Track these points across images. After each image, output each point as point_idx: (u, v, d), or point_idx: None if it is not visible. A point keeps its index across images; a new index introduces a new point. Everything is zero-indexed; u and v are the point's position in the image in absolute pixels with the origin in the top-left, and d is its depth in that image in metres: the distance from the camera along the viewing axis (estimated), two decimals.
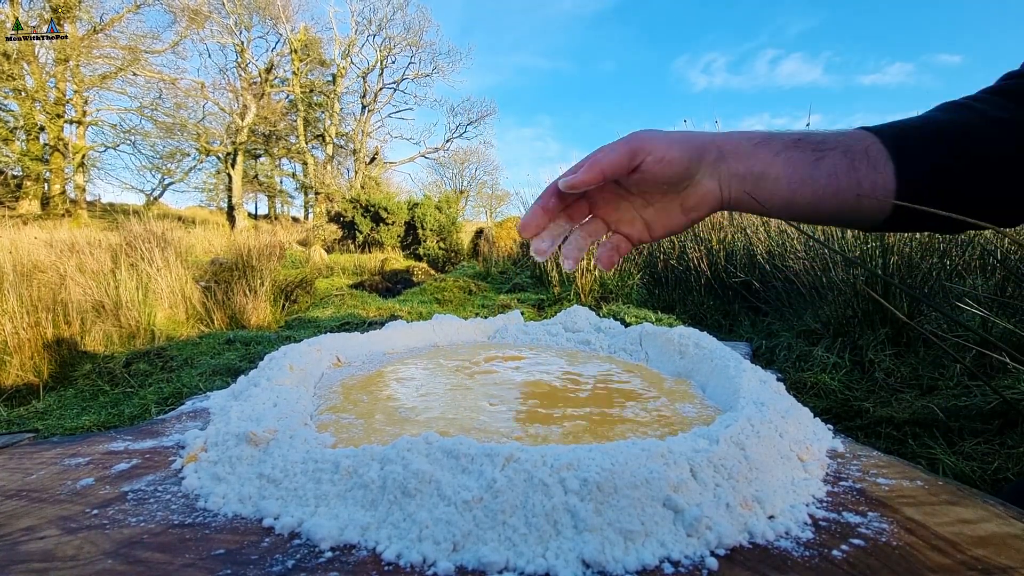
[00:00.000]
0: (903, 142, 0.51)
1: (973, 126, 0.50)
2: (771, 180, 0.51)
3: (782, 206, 0.53)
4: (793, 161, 0.51)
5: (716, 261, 3.36)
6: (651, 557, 0.27)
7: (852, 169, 0.51)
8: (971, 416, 1.46)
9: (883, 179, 0.51)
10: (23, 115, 13.03)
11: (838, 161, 0.51)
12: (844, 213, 0.53)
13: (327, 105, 19.94)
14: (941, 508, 0.32)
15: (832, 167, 0.51)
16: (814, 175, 0.51)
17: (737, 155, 0.52)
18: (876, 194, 0.51)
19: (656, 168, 0.50)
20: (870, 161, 0.51)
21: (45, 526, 0.31)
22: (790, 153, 0.51)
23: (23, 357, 2.53)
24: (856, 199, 0.51)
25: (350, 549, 0.29)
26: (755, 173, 0.51)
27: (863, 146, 0.51)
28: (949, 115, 0.52)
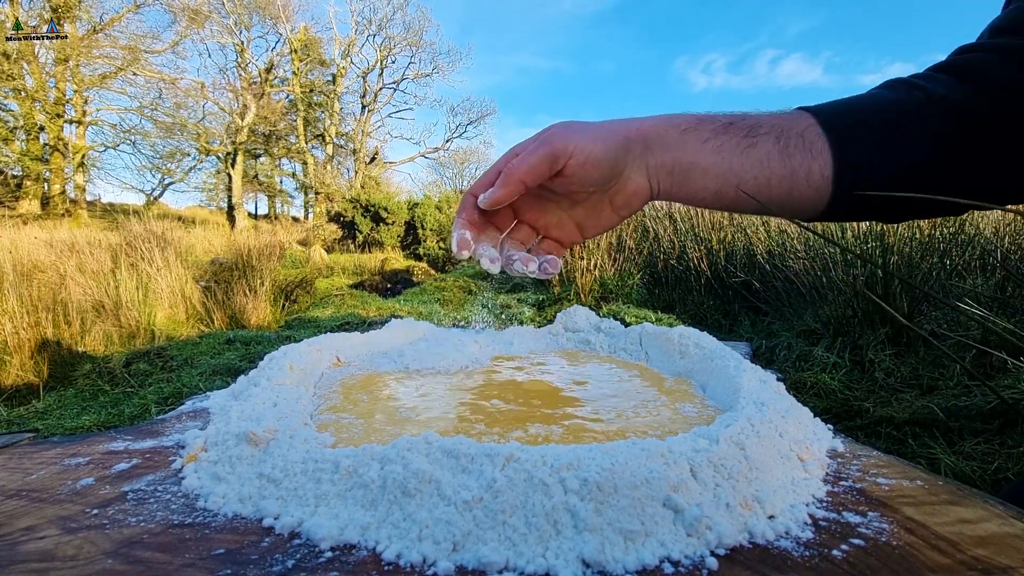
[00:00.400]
0: (841, 124, 0.47)
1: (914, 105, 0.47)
2: (699, 171, 0.48)
3: (712, 198, 0.49)
4: (722, 149, 0.48)
5: (716, 261, 3.36)
6: (651, 557, 0.27)
7: (785, 155, 0.47)
8: (971, 416, 1.46)
9: (819, 165, 0.47)
10: (23, 115, 13.03)
11: (771, 147, 0.47)
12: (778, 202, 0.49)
13: (327, 105, 19.94)
14: (941, 508, 0.32)
15: (764, 154, 0.47)
16: (744, 164, 0.47)
17: (663, 145, 0.48)
18: (812, 181, 0.47)
19: (580, 171, 0.47)
20: (805, 145, 0.47)
21: (45, 526, 0.31)
22: (719, 140, 0.48)
23: (23, 357, 2.53)
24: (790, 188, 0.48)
25: (350, 549, 0.29)
26: (683, 164, 0.48)
27: (799, 129, 0.48)
28: (892, 93, 0.49)
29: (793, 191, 0.48)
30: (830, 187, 0.47)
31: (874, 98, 0.49)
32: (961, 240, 2.24)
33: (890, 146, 0.46)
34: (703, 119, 0.49)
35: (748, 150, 0.47)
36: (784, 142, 0.47)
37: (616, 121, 0.50)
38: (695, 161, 0.48)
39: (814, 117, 0.48)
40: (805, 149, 0.47)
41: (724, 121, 0.49)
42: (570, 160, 0.47)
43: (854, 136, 0.47)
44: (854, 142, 0.47)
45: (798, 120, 0.48)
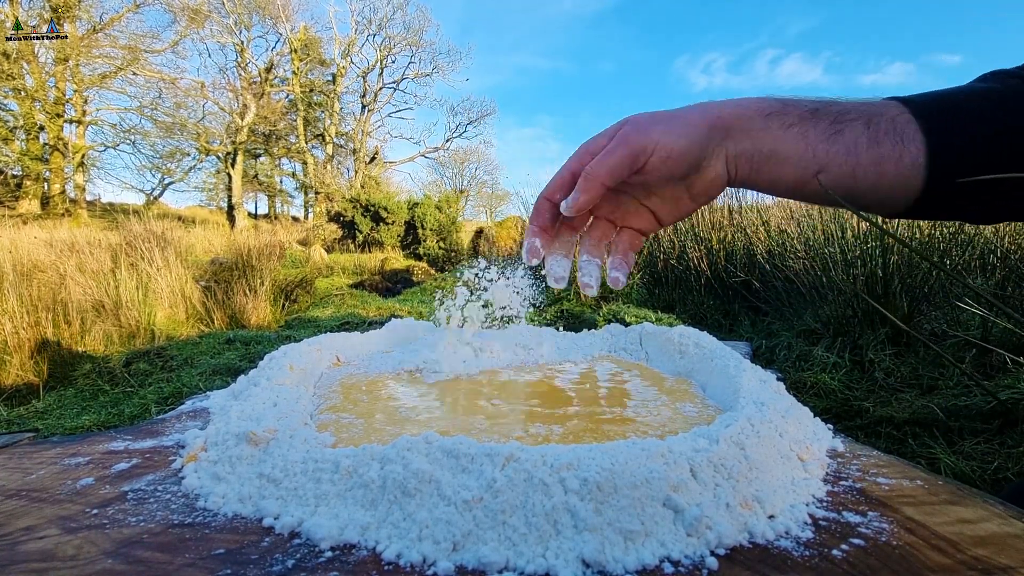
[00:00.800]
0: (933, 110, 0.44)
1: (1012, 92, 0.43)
2: (780, 158, 0.46)
3: (791, 185, 0.47)
4: (807, 136, 0.45)
5: (716, 261, 3.36)
6: (651, 557, 0.27)
7: (874, 142, 0.44)
8: (971, 416, 1.46)
9: (911, 152, 0.44)
10: (23, 115, 13.03)
11: (859, 134, 0.44)
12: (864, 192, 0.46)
13: (327, 105, 19.93)
14: (941, 508, 0.32)
15: (852, 141, 0.44)
16: (830, 151, 0.45)
17: (744, 131, 0.46)
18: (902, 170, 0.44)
19: (662, 167, 0.45)
20: (896, 131, 0.44)
21: (45, 526, 0.31)
22: (804, 127, 0.45)
23: (23, 357, 2.53)
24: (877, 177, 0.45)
25: (350, 549, 0.29)
26: (763, 152, 0.46)
27: (889, 116, 0.45)
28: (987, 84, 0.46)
29: (881, 180, 0.45)
30: (922, 176, 0.44)
31: (968, 87, 0.46)
32: (961, 240, 2.23)
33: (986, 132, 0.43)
34: (788, 103, 0.47)
35: (835, 136, 0.45)
36: (874, 128, 0.44)
37: (695, 108, 0.48)
38: (776, 148, 0.46)
39: (904, 105, 0.45)
40: (896, 136, 0.44)
41: (810, 107, 0.46)
42: (651, 157, 0.45)
43: (948, 122, 0.44)
44: (948, 129, 0.44)
45: (888, 107, 0.46)
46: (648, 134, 0.45)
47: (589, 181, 0.46)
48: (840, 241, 2.47)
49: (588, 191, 0.46)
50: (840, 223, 2.57)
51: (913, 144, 0.44)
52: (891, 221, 2.17)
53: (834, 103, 0.47)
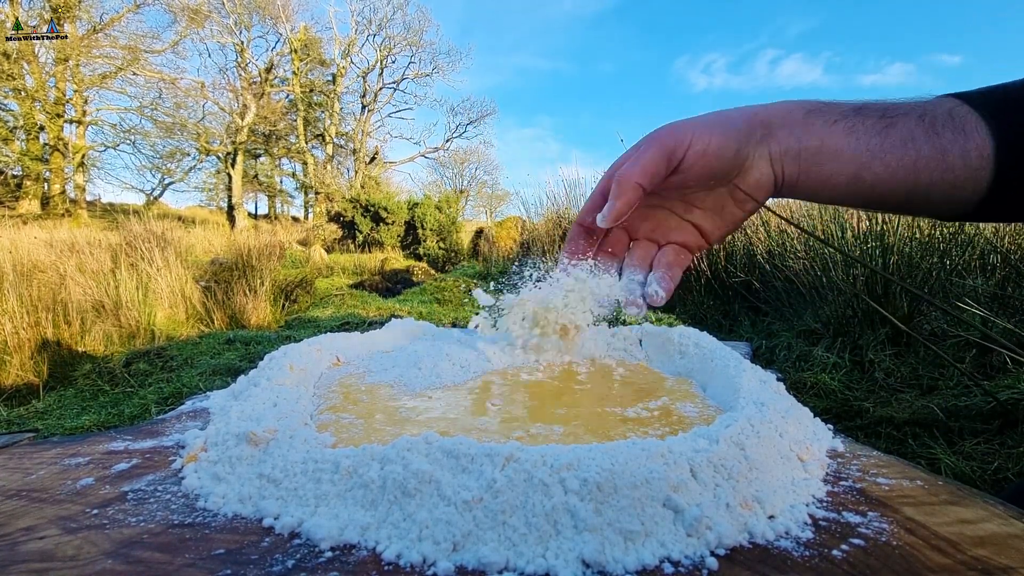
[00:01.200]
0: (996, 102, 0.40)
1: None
2: (830, 154, 0.41)
3: (847, 184, 0.42)
4: (854, 130, 0.41)
5: (716, 261, 3.36)
6: (651, 557, 0.27)
7: (933, 133, 0.40)
8: (971, 416, 1.46)
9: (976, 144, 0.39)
10: (23, 115, 13.03)
11: (913, 126, 0.40)
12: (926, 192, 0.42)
13: (327, 105, 19.94)
14: (941, 508, 0.32)
15: (907, 133, 0.40)
16: (884, 144, 0.40)
17: (787, 128, 0.42)
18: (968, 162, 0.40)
19: (700, 162, 0.42)
20: (955, 124, 0.40)
21: (45, 526, 0.31)
22: (850, 121, 0.41)
23: (23, 357, 2.54)
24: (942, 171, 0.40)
25: (350, 549, 0.29)
26: (810, 148, 0.42)
27: (945, 108, 0.41)
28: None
29: (946, 175, 0.40)
30: (991, 168, 0.40)
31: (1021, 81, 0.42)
32: (961, 240, 2.23)
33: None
34: (829, 103, 0.43)
35: (886, 130, 0.41)
36: (929, 119, 0.40)
37: (732, 110, 0.44)
38: (824, 144, 0.42)
39: (958, 99, 0.42)
40: (956, 128, 0.40)
41: (854, 105, 0.43)
42: (688, 151, 0.41)
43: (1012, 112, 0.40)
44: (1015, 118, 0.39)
45: (940, 102, 0.42)
46: (682, 130, 0.42)
47: (623, 184, 0.42)
48: (840, 241, 2.47)
49: (623, 195, 0.42)
50: (840, 223, 2.57)
51: (977, 134, 0.40)
52: (882, 220, 2.17)
53: (880, 101, 0.43)
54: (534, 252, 5.23)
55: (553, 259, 4.29)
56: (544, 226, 5.44)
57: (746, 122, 0.43)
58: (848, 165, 0.42)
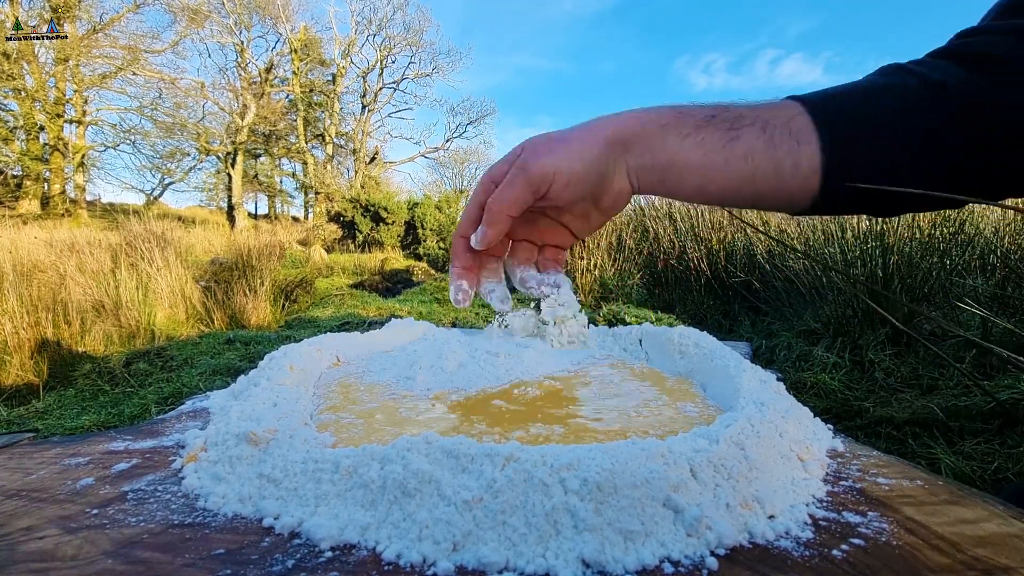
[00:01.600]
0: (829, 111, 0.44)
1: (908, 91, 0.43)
2: (679, 169, 0.46)
3: (693, 194, 0.48)
4: (704, 145, 0.45)
5: (716, 261, 3.36)
6: (651, 557, 0.27)
7: (771, 146, 0.44)
8: (971, 416, 1.46)
9: (807, 155, 0.44)
10: (23, 115, 13.03)
11: (755, 140, 0.45)
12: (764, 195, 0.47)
13: (327, 105, 19.94)
14: (941, 508, 0.32)
15: (748, 147, 0.45)
16: (728, 158, 0.45)
17: (642, 144, 0.46)
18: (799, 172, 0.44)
19: (564, 192, 0.46)
20: (792, 134, 0.44)
21: (45, 526, 0.31)
22: (701, 135, 0.45)
23: (23, 357, 2.54)
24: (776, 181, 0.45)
25: (350, 549, 0.29)
26: (662, 163, 0.46)
27: (785, 118, 0.45)
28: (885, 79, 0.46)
29: (780, 184, 0.46)
30: (819, 178, 0.45)
31: (867, 85, 0.46)
32: (961, 240, 2.24)
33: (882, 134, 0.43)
34: (684, 112, 0.47)
35: (731, 143, 0.45)
36: (770, 132, 0.45)
37: (593, 124, 0.48)
38: (674, 159, 0.46)
39: (802, 105, 0.46)
40: (792, 138, 0.44)
41: (707, 113, 0.46)
42: (553, 185, 0.45)
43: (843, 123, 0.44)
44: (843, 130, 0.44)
45: (785, 109, 0.46)
46: (546, 161, 0.45)
47: (493, 215, 0.47)
48: (840, 241, 2.47)
49: (494, 224, 0.47)
50: (840, 223, 2.57)
51: (808, 146, 0.44)
52: (882, 220, 2.17)
53: (732, 107, 0.47)
54: None
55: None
56: None
57: (607, 142, 0.46)
58: (695, 178, 0.46)
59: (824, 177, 0.45)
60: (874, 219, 2.25)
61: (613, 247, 3.91)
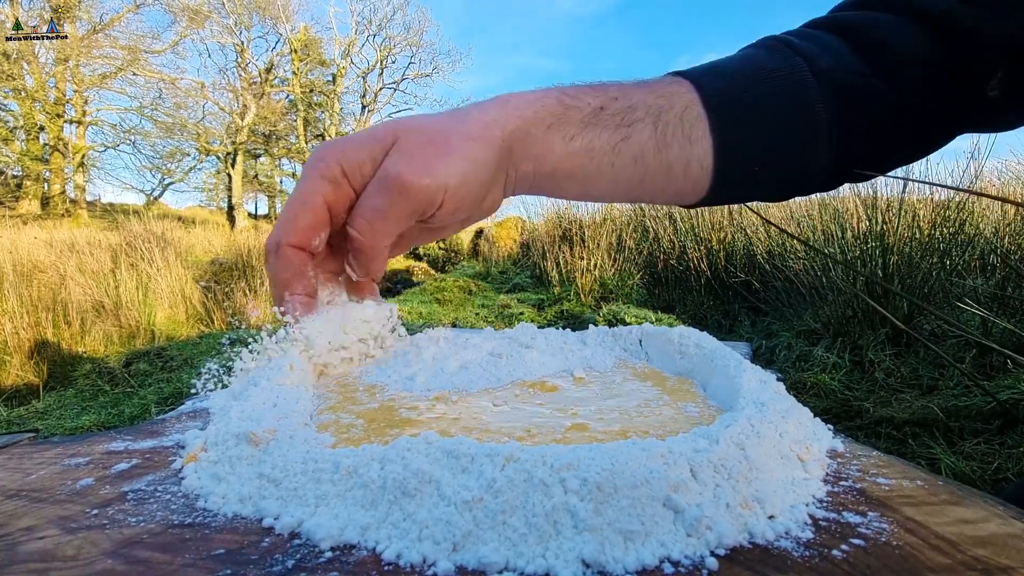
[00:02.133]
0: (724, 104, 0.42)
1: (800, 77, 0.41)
2: (562, 177, 0.42)
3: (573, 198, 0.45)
4: (592, 149, 0.41)
5: (716, 261, 3.36)
6: (651, 557, 0.27)
7: (663, 146, 0.42)
8: (971, 416, 1.46)
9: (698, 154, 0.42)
10: (23, 115, 13.03)
11: (646, 139, 0.41)
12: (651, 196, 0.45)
13: (327, 105, 19.94)
14: (941, 508, 0.32)
15: (639, 149, 0.41)
16: (615, 164, 0.41)
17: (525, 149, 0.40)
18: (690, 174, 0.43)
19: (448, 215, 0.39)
20: (684, 131, 0.42)
21: (45, 526, 0.31)
22: (588, 136, 0.41)
23: (23, 357, 2.54)
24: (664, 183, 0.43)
25: (350, 549, 0.29)
26: (544, 172, 0.42)
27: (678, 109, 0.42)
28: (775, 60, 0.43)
29: (668, 185, 0.44)
30: (709, 178, 0.43)
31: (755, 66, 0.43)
32: (961, 240, 2.24)
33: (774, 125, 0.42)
34: (570, 105, 0.41)
35: (621, 144, 0.41)
36: (662, 130, 0.41)
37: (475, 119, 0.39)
38: (558, 167, 0.41)
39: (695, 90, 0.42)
40: (684, 136, 0.42)
41: (596, 103, 0.41)
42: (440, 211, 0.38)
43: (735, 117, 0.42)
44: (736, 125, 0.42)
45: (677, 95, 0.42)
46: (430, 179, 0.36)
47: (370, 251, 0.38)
48: (840, 241, 2.47)
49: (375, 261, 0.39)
50: (840, 223, 2.57)
51: (700, 145, 0.42)
52: (882, 221, 2.17)
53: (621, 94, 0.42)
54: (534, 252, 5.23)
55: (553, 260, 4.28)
56: (544, 226, 5.44)
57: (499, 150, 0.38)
58: (578, 185, 0.43)
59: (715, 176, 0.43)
60: (874, 219, 2.25)
61: (613, 247, 3.91)
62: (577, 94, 0.42)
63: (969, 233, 2.27)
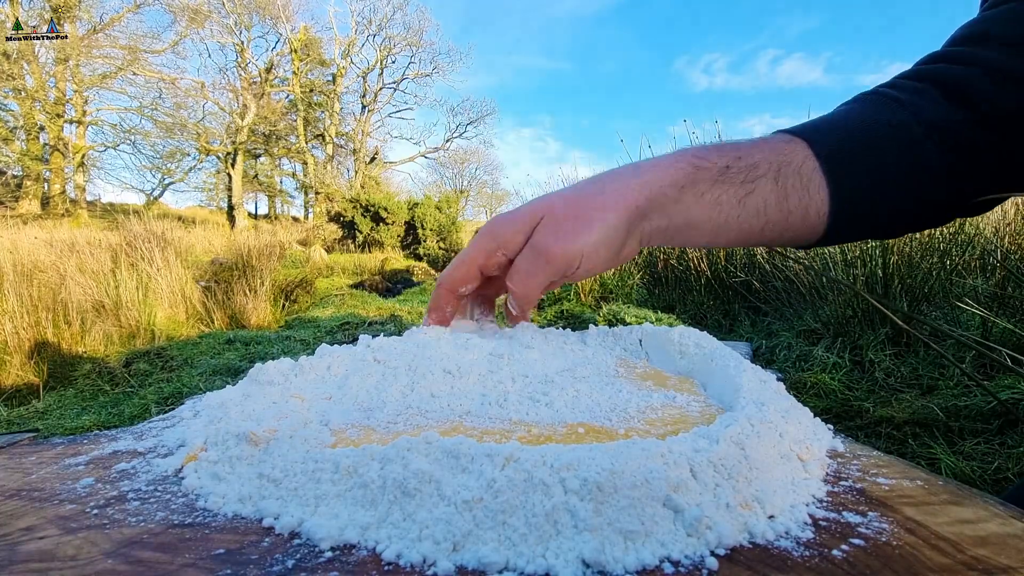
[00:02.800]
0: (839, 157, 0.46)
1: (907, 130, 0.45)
2: (693, 230, 0.47)
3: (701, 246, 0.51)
4: (719, 203, 0.46)
5: (716, 261, 3.36)
6: (651, 557, 0.27)
7: (783, 198, 0.46)
8: (971, 416, 1.46)
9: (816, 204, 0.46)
10: (23, 115, 13.03)
11: (768, 193, 0.46)
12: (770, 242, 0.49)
13: (327, 105, 19.94)
14: (941, 508, 0.32)
15: (762, 202, 0.46)
16: (741, 215, 0.46)
17: (660, 209, 0.46)
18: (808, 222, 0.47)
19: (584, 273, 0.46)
20: (803, 183, 0.46)
21: (45, 526, 0.31)
22: (716, 192, 0.46)
23: (23, 357, 2.54)
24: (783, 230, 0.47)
25: (350, 549, 0.29)
26: (677, 225, 0.47)
27: (796, 164, 0.46)
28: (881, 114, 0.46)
29: (786, 232, 0.48)
30: (825, 224, 0.47)
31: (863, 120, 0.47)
32: (961, 240, 2.24)
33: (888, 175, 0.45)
34: (700, 167, 0.46)
35: (746, 199, 0.46)
36: (782, 183, 0.46)
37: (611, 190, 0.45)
38: (689, 220, 0.46)
39: (807, 145, 0.46)
40: (803, 188, 0.46)
41: (722, 163, 0.46)
42: (577, 271, 0.46)
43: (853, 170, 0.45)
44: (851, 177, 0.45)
45: (792, 152, 0.46)
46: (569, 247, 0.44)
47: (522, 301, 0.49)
48: None
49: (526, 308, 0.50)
50: None
51: (819, 195, 0.45)
52: None
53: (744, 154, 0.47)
54: None
55: None
56: None
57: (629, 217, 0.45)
58: (707, 236, 0.47)
59: (831, 221, 0.47)
60: None
61: None
62: (706, 155, 0.47)
63: (969, 233, 2.26)
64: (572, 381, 0.53)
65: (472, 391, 0.50)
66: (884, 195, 0.45)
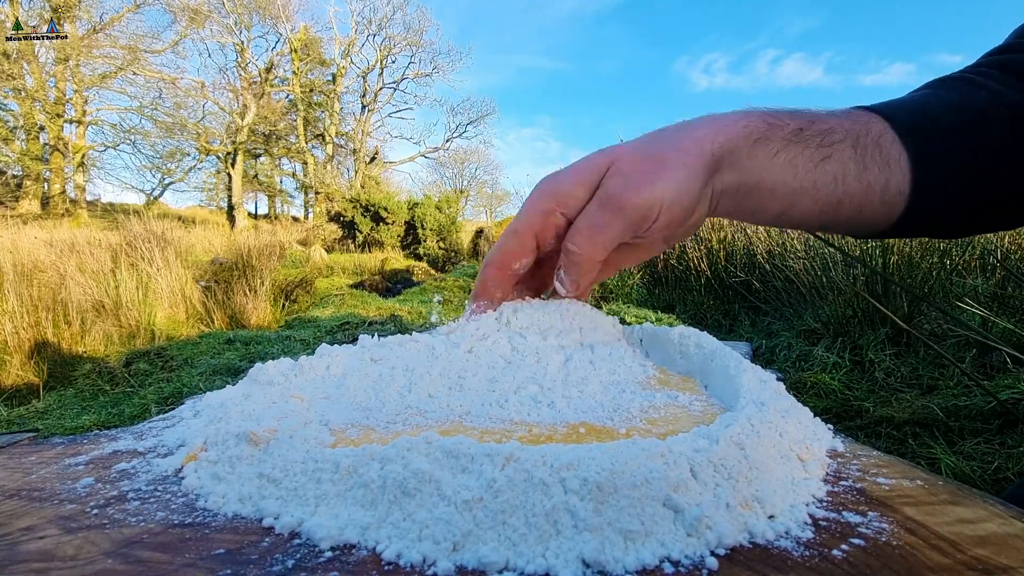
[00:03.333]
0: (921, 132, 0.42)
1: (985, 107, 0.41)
2: (765, 191, 0.42)
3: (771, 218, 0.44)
4: (795, 163, 0.41)
5: (716, 261, 3.36)
6: (651, 557, 0.27)
7: (863, 168, 0.41)
8: (971, 416, 1.46)
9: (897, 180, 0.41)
10: (23, 115, 13.03)
11: (847, 160, 0.41)
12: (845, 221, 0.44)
13: (327, 105, 19.94)
14: (941, 508, 0.32)
15: (840, 169, 0.41)
16: (817, 182, 0.41)
17: (732, 163, 0.41)
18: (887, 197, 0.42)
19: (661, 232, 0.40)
20: (882, 156, 0.41)
21: (45, 526, 0.31)
22: (791, 151, 0.41)
23: (23, 357, 2.54)
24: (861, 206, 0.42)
25: (350, 549, 0.29)
26: (749, 184, 0.42)
27: (874, 135, 0.42)
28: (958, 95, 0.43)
29: (864, 209, 0.43)
30: (904, 203, 0.42)
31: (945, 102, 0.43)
32: (961, 240, 2.23)
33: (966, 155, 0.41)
34: (773, 123, 0.42)
35: (822, 163, 0.41)
36: (860, 152, 0.41)
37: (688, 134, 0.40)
38: (762, 179, 0.41)
39: (883, 119, 0.42)
40: (882, 160, 0.41)
41: (794, 125, 0.42)
42: (654, 225, 0.39)
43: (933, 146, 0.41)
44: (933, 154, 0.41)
45: (871, 123, 0.42)
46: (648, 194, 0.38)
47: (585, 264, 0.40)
48: (840, 241, 2.47)
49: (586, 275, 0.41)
50: None
51: (899, 168, 0.41)
52: None
53: (817, 119, 0.43)
54: None
55: None
56: None
57: (704, 168, 0.39)
58: (779, 202, 0.42)
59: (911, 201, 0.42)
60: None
61: None
62: (778, 114, 0.42)
63: None
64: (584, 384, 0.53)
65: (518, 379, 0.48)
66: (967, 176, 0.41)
